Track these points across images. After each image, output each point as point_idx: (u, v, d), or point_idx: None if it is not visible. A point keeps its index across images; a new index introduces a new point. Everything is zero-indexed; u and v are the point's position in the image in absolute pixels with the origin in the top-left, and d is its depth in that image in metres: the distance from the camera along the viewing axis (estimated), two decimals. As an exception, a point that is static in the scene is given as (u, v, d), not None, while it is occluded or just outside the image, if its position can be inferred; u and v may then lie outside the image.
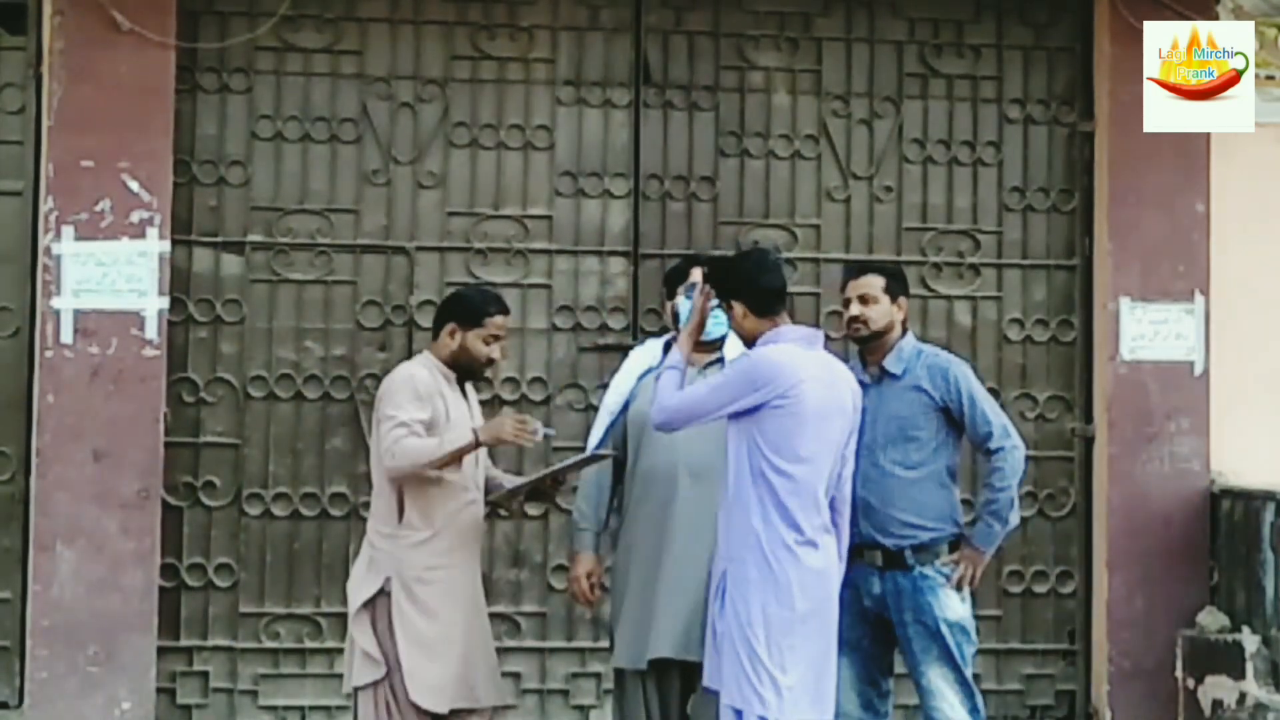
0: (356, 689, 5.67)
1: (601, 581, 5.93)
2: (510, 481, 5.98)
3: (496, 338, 5.79)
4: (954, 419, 5.91)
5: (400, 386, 5.67)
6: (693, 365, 5.76)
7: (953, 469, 5.97)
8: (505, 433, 5.60)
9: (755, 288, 5.39)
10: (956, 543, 5.91)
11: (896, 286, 6.00)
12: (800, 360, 5.29)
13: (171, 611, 7.50)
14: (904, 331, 6.03)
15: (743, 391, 5.24)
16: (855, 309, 5.96)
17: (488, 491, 5.86)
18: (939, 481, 5.91)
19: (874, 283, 5.96)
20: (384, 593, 5.64)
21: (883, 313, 5.94)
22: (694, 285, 5.73)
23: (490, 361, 5.84)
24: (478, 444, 5.62)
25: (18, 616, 7.36)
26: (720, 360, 5.85)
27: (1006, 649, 7.95)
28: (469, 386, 5.90)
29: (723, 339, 5.83)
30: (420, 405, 5.62)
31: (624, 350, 6.11)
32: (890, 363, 5.94)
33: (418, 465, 5.57)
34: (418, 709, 5.61)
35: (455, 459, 5.61)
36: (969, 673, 5.90)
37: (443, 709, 5.63)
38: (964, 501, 6.23)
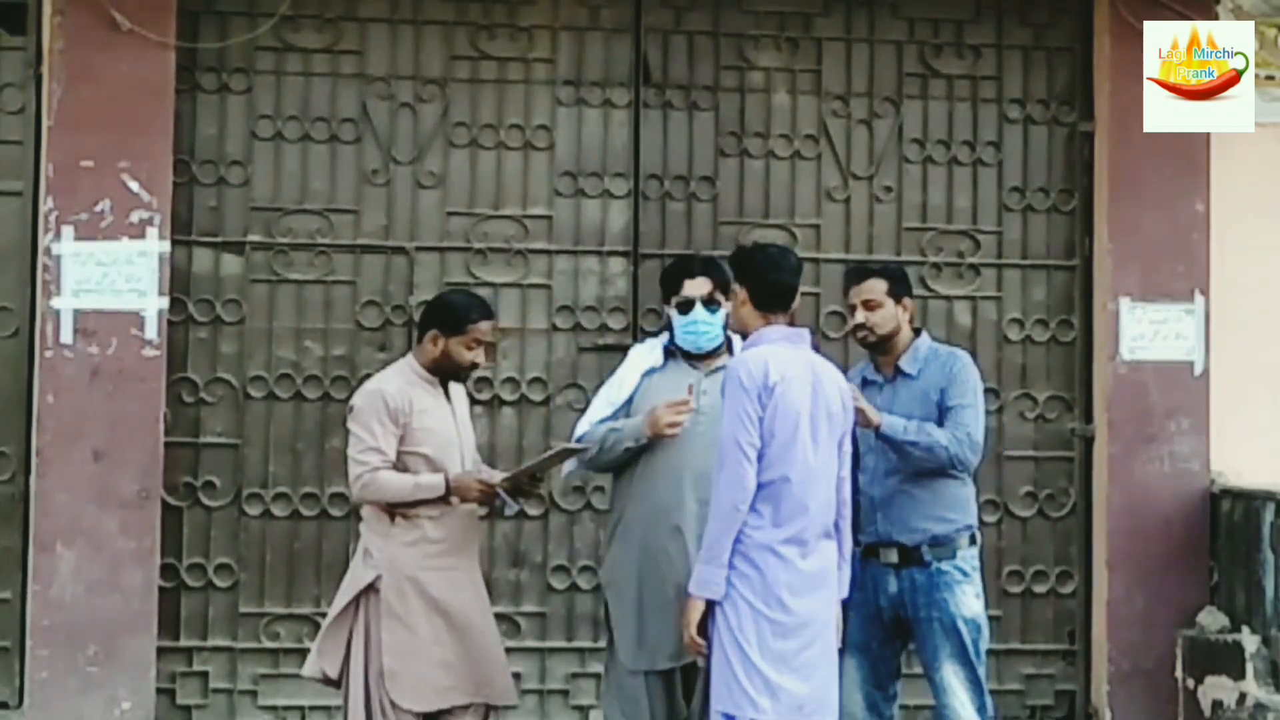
0: (344, 682, 5.69)
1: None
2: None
3: (480, 343, 5.74)
4: None
5: (369, 406, 5.66)
6: (698, 369, 5.83)
7: None
8: (471, 496, 5.65)
9: (763, 280, 5.38)
10: (973, 536, 5.90)
11: (900, 288, 5.95)
12: (782, 360, 5.25)
13: (171, 611, 7.50)
14: (917, 332, 6.00)
15: (746, 401, 5.18)
16: (860, 315, 5.91)
17: None
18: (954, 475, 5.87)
19: (877, 286, 5.91)
20: (374, 589, 5.66)
21: (888, 316, 5.90)
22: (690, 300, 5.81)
23: (474, 366, 5.79)
24: (448, 495, 5.63)
25: (18, 616, 7.36)
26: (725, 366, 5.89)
27: (1006, 649, 7.93)
28: (455, 386, 5.86)
29: (719, 348, 5.88)
30: (389, 427, 5.62)
31: (623, 351, 6.09)
32: (905, 363, 5.91)
33: (385, 501, 5.64)
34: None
35: (422, 504, 5.63)
36: (982, 671, 5.89)
37: (419, 708, 5.63)
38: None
